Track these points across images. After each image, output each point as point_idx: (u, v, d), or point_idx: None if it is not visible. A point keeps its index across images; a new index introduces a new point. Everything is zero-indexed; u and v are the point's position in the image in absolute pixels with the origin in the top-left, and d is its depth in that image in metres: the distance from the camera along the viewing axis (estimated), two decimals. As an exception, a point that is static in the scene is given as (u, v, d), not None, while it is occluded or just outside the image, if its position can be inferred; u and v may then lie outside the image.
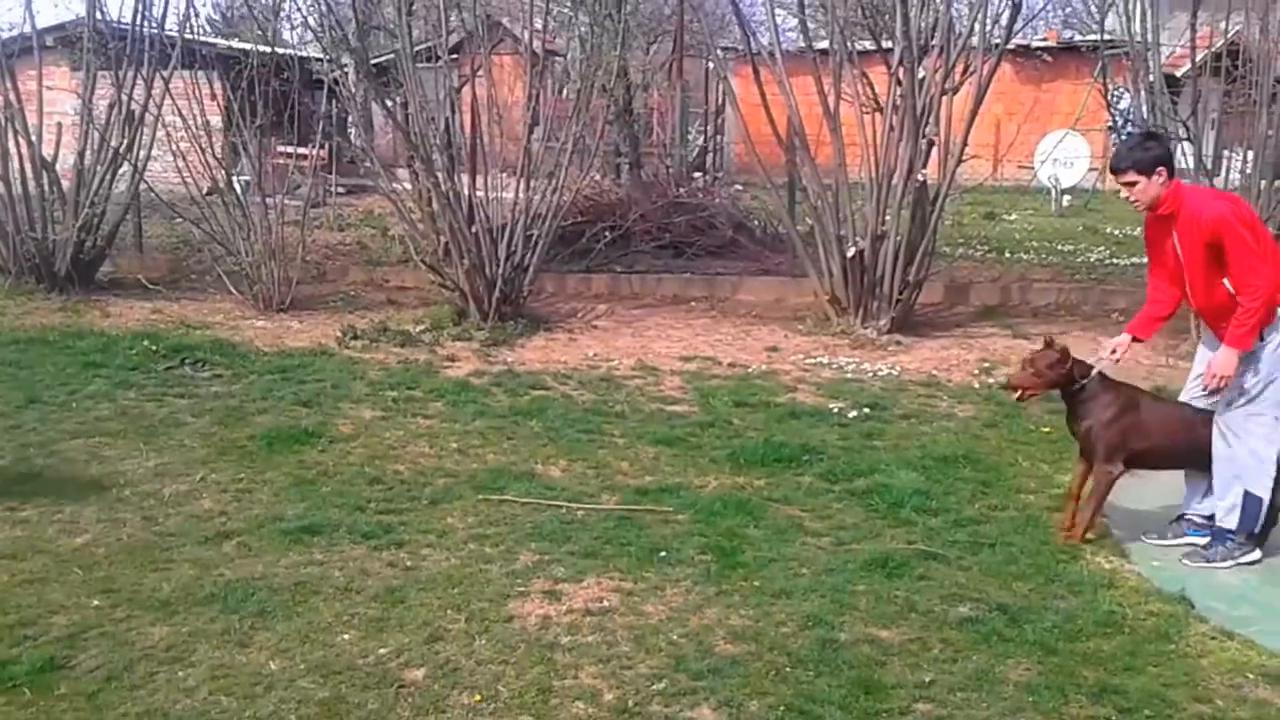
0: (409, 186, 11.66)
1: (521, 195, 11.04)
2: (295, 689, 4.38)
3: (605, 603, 5.13)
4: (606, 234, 12.93)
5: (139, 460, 6.98)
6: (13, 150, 12.16)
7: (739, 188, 16.55)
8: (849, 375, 9.23)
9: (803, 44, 11.41)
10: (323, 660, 4.59)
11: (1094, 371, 5.82)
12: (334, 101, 14.15)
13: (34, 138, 12.23)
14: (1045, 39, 26.78)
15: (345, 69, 12.95)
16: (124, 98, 12.40)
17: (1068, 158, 21.06)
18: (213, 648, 4.68)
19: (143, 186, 13.09)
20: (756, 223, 14.64)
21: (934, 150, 10.58)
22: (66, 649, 4.64)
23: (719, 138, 19.33)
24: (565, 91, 12.46)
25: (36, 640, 4.71)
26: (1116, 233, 17.21)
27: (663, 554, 5.63)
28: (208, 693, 4.35)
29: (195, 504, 6.28)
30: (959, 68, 10.47)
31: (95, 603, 5.05)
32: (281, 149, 15.92)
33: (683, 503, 6.32)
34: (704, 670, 4.54)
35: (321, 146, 14.51)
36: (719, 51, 15.86)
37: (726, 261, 13.42)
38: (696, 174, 17.97)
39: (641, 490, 6.54)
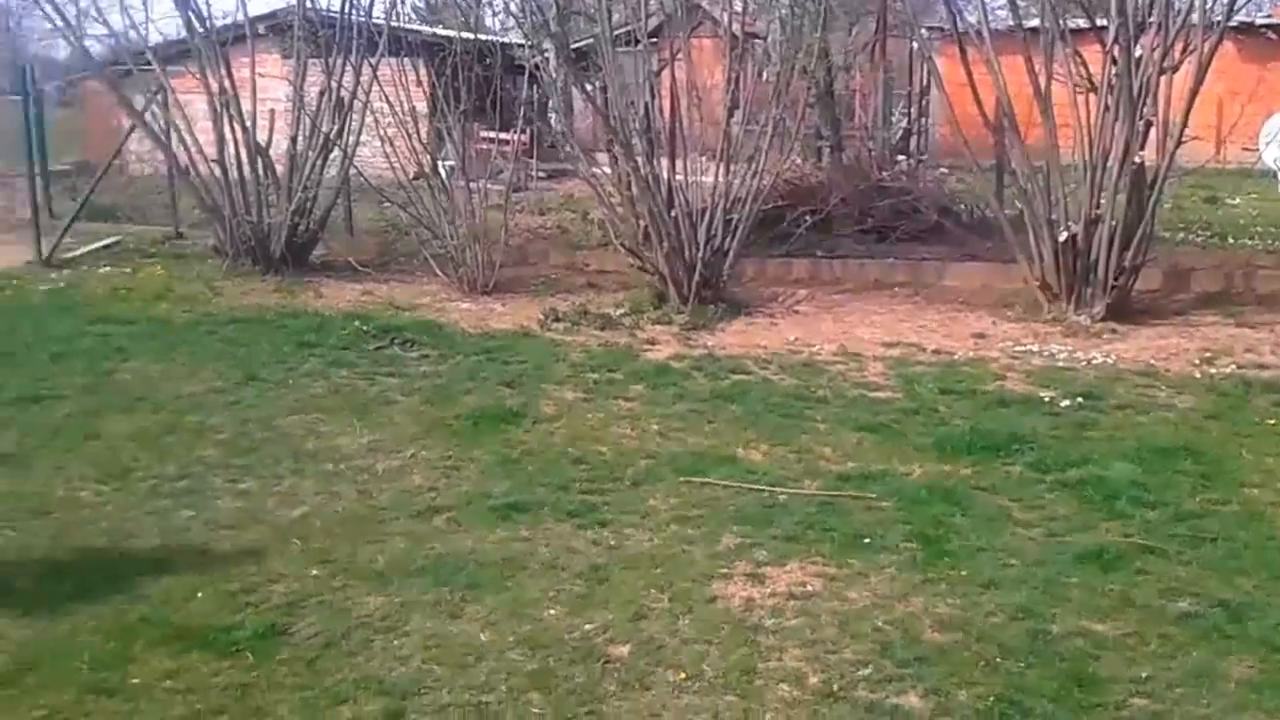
0: (608, 171, 11.74)
1: (721, 179, 10.99)
2: (505, 660, 4.47)
3: (809, 587, 5.07)
4: (807, 218, 12.76)
5: (353, 436, 7.21)
6: (229, 136, 12.69)
7: (944, 171, 16.14)
8: (1061, 363, 8.90)
9: (1012, 22, 11.02)
10: (530, 634, 4.66)
11: None
12: (535, 87, 14.39)
13: (249, 124, 12.74)
14: (1270, 15, 25.33)
15: (546, 54, 13.12)
16: (334, 84, 12.83)
17: (1296, 139, 19.90)
18: (425, 618, 4.81)
19: (352, 171, 13.53)
20: (962, 206, 14.25)
21: (1152, 132, 10.10)
22: (286, 616, 4.83)
23: (923, 120, 18.92)
24: (765, 74, 12.33)
25: (258, 607, 4.91)
26: (1349, 217, 16.18)
27: (867, 540, 5.53)
28: (421, 661, 4.47)
29: (406, 479, 6.46)
30: (1178, 46, 9.96)
31: (313, 572, 5.25)
32: (484, 134, 16.27)
33: (887, 489, 6.19)
34: (910, 658, 4.45)
35: (523, 132, 14.74)
36: (924, 31, 15.50)
37: (931, 246, 13.10)
38: (900, 157, 17.63)
39: (844, 476, 6.44)
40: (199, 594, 5.02)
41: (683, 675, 4.34)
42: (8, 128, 17.04)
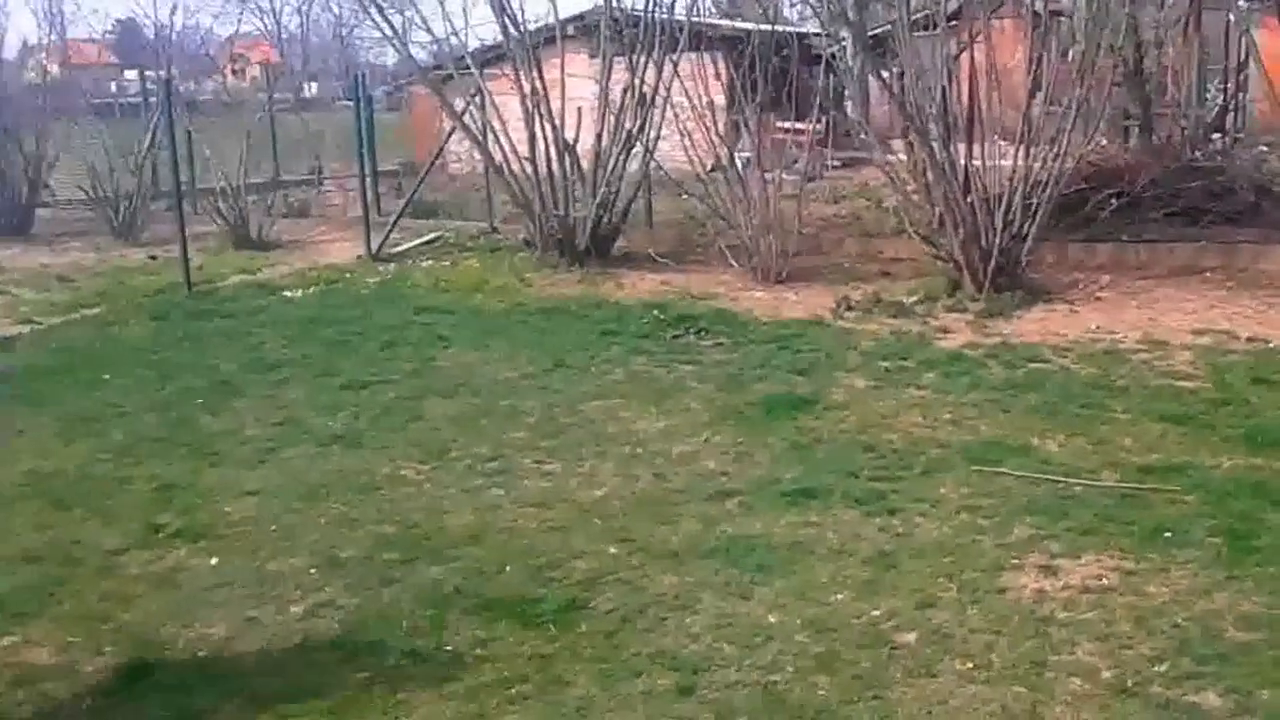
0: (904, 158, 11.65)
1: (1020, 163, 10.73)
2: (792, 642, 4.60)
3: (1104, 581, 4.99)
4: (1112, 201, 12.28)
5: (650, 421, 7.50)
6: (539, 135, 13.26)
7: (1263, 149, 15.15)
8: (1395, 352, 8.29)
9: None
10: (817, 617, 4.78)
11: None
12: (831, 76, 14.38)
13: (557, 122, 13.24)
14: None
15: (843, 43, 13.11)
16: (636, 81, 13.21)
17: None
18: (716, 598, 5.01)
19: (652, 165, 13.91)
20: (1283, 186, 13.37)
21: None
22: (586, 591, 5.12)
23: (1240, 95, 17.78)
24: (1070, 53, 11.92)
25: (561, 582, 5.23)
26: None
27: (1168, 534, 5.38)
28: (712, 639, 4.66)
29: (700, 463, 6.68)
30: None
31: (612, 550, 5.54)
32: (780, 125, 16.38)
33: (1191, 483, 5.98)
34: (1210, 655, 4.34)
35: (818, 121, 14.76)
36: (1241, 2, 14.61)
37: (1246, 229, 12.34)
38: (1214, 135, 16.65)
39: (1145, 468, 6.25)
40: (507, 568, 5.39)
41: (970, 665, 4.37)
42: (342, 131, 18.44)
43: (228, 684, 4.51)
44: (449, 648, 4.70)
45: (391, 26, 14.01)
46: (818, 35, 14.77)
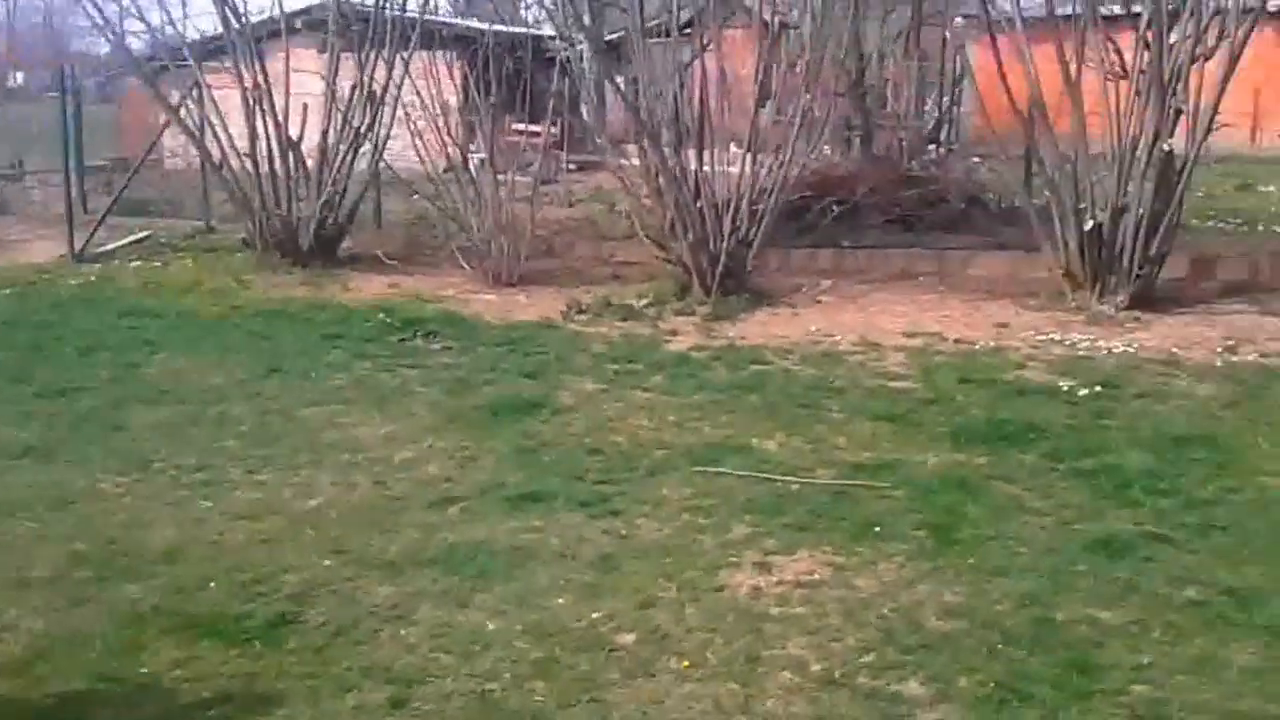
0: (636, 162, 11.76)
1: (748, 170, 10.99)
2: (511, 649, 4.52)
3: (816, 576, 5.10)
4: (834, 208, 12.75)
5: (371, 427, 7.28)
6: (261, 130, 12.80)
7: (975, 160, 16.04)
8: (1081, 352, 8.85)
9: (1045, 10, 10.93)
10: (538, 622, 4.70)
11: None
12: (566, 79, 14.42)
13: (281, 118, 12.84)
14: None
15: (578, 47, 13.15)
16: (365, 78, 12.91)
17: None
18: (434, 607, 4.86)
19: (382, 164, 13.62)
20: (991, 196, 14.18)
21: (1182, 119, 10.00)
22: (297, 605, 4.90)
23: (956, 109, 18.81)
24: (797, 64, 12.30)
25: (269, 597, 4.99)
26: (1385, 205, 15.95)
27: (877, 529, 5.54)
28: (428, 650, 4.53)
29: (422, 470, 6.52)
30: (1211, 33, 9.86)
31: (326, 562, 5.32)
32: (514, 127, 16.32)
33: (900, 479, 6.20)
34: (914, 645, 4.48)
35: (553, 124, 14.78)
36: (957, 19, 15.43)
37: (958, 236, 13.04)
38: (931, 146, 17.54)
39: (858, 466, 6.45)
40: (211, 584, 5.10)
41: (686, 663, 4.38)
42: (49, 124, 17.32)
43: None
44: (145, 669, 4.41)
45: (103, 15, 13.23)
46: (553, 38, 14.79)
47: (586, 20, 12.19)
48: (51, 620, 4.81)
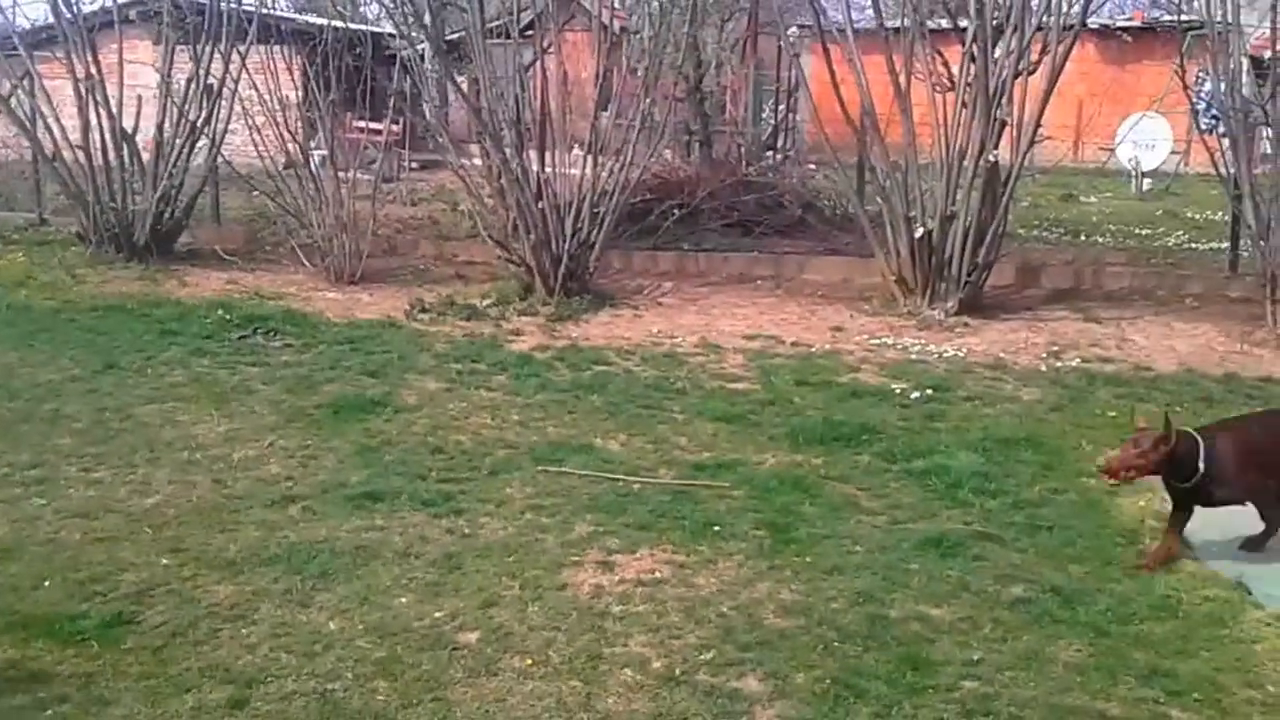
0: (479, 163, 11.76)
1: (589, 172, 11.09)
2: (353, 648, 4.51)
3: (657, 574, 5.20)
4: (675, 211, 12.95)
5: (210, 425, 7.16)
6: (94, 122, 12.43)
7: (811, 167, 16.45)
8: (914, 356, 9.19)
9: (875, 22, 11.30)
10: (380, 622, 4.70)
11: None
12: (408, 77, 14.31)
13: (115, 110, 12.48)
14: (1131, 19, 26.22)
15: (420, 46, 13.05)
16: (201, 72, 12.64)
17: (1149, 140, 20.59)
18: (275, 607, 4.83)
19: (220, 160, 13.33)
20: (826, 203, 14.56)
21: (1007, 131, 10.44)
22: (134, 605, 4.81)
23: (792, 116, 19.23)
24: (637, 68, 12.45)
25: (106, 596, 4.89)
26: (1197, 217, 16.83)
27: (717, 528, 5.67)
28: (269, 650, 4.50)
29: (263, 469, 6.44)
30: (1035, 47, 10.32)
31: (164, 561, 5.23)
32: (356, 124, 16.13)
33: (739, 479, 6.35)
34: (752, 642, 4.60)
35: (395, 122, 14.65)
36: (792, 29, 15.78)
37: (794, 241, 13.38)
38: (768, 153, 17.90)
39: (699, 465, 6.59)
40: (46, 583, 4.98)
41: (529, 661, 4.43)
42: None
43: None
44: (-25, 671, 4.28)
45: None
46: (393, 36, 14.64)
47: (426, 19, 12.09)
48: None
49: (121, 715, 4.05)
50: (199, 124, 12.68)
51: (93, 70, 12.37)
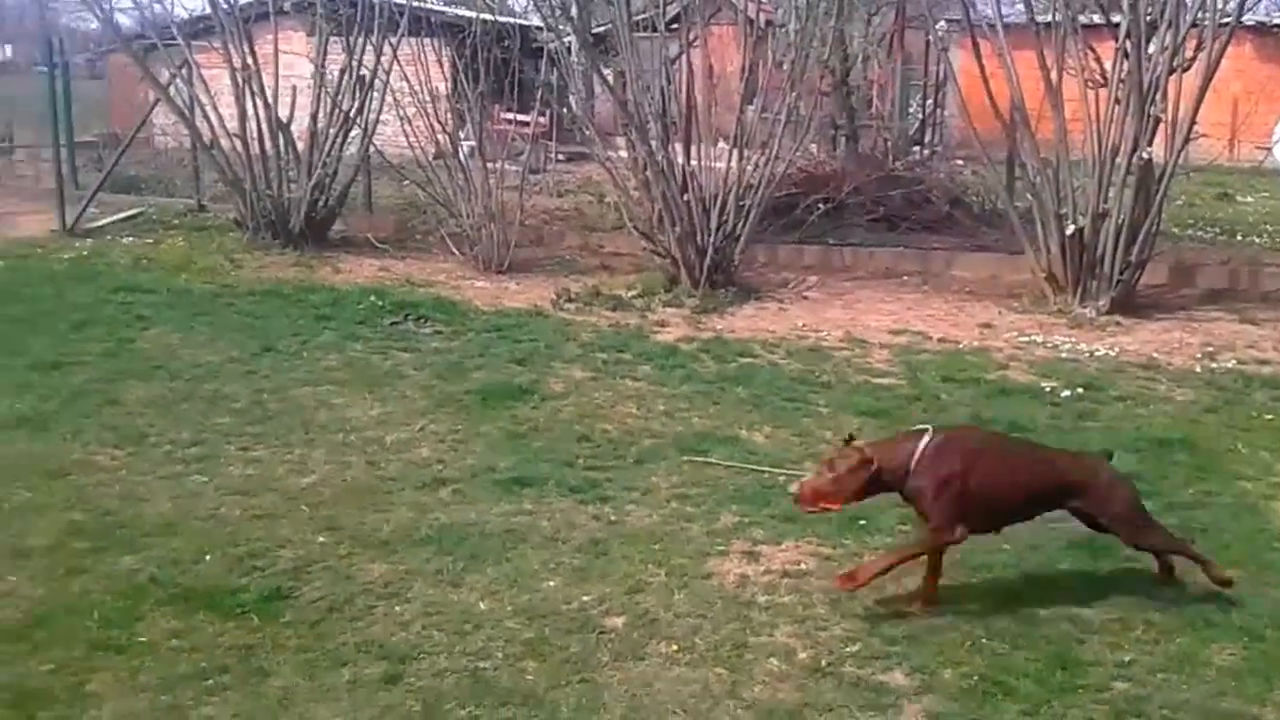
0: (625, 155, 11.84)
1: (734, 165, 11.09)
2: (502, 629, 4.60)
3: (803, 566, 5.20)
4: (820, 206, 12.87)
5: (363, 408, 7.36)
6: (251, 112, 12.83)
7: (958, 162, 16.17)
8: (1064, 355, 8.99)
9: (1026, 17, 11.07)
10: (529, 604, 4.79)
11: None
12: (555, 70, 14.48)
13: (270, 99, 12.86)
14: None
15: (566, 39, 13.20)
16: (354, 63, 12.95)
17: (1306, 140, 19.78)
18: (427, 586, 4.95)
19: (372, 149, 13.67)
20: (974, 198, 14.32)
21: (1160, 128, 10.15)
22: (292, 580, 4.98)
23: (939, 111, 18.93)
24: (783, 62, 12.39)
25: (264, 571, 5.07)
26: (1359, 218, 16.14)
27: (862, 523, 5.64)
28: (421, 627, 4.61)
29: (414, 452, 6.60)
30: (1190, 44, 10.02)
31: (320, 539, 5.40)
32: (504, 115, 16.37)
33: (884, 473, 6.29)
34: (898, 636, 4.57)
35: (542, 114, 14.84)
36: (940, 23, 15.54)
37: (941, 237, 13.18)
38: (914, 148, 17.67)
39: (844, 459, 6.54)
40: (207, 557, 5.18)
41: (675, 648, 4.47)
42: (38, 99, 17.35)
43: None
44: (143, 639, 4.48)
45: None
46: (540, 29, 14.82)
47: (573, 12, 12.22)
48: (50, 588, 4.88)
49: (280, 687, 4.19)
50: (352, 114, 13.00)
51: (249, 60, 12.73)
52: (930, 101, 19.04)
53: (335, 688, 4.19)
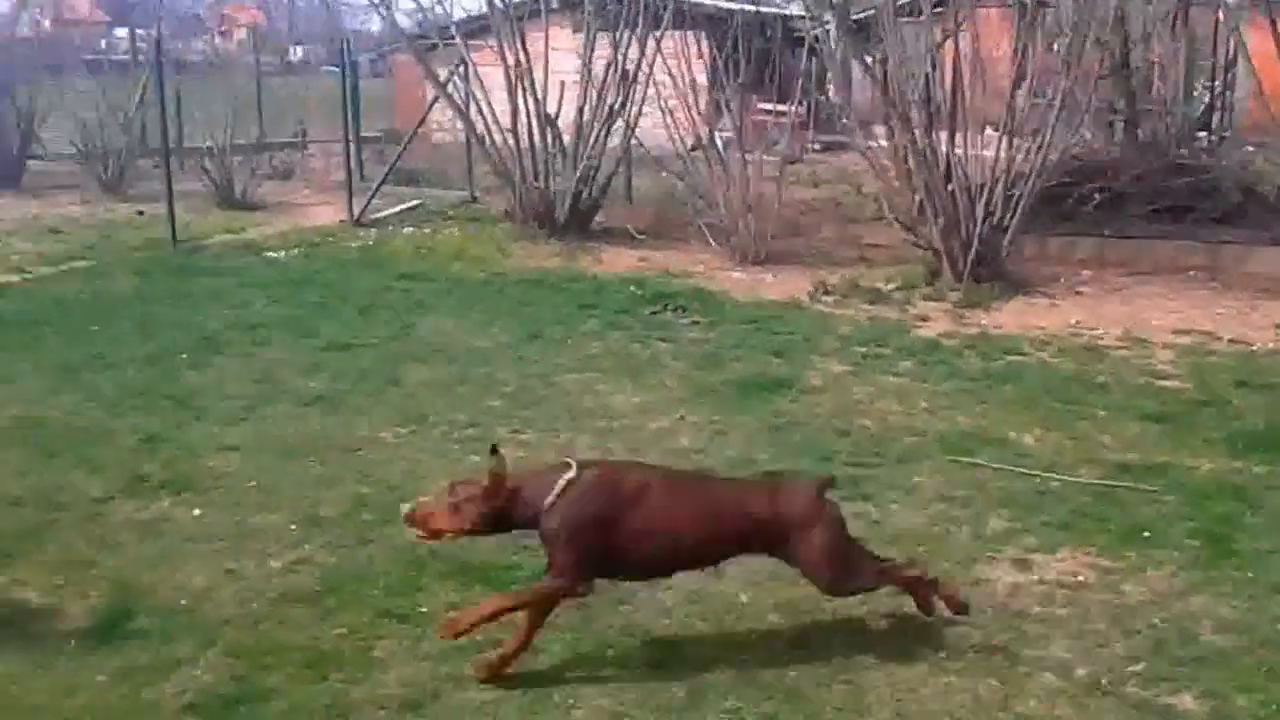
0: (885, 144, 11.59)
1: (1003, 154, 10.69)
2: (764, 622, 4.58)
3: (1080, 578, 4.95)
4: (1095, 196, 12.27)
5: (625, 396, 7.46)
6: (521, 107, 13.18)
7: (1250, 149, 15.16)
8: (1373, 360, 8.29)
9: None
10: (791, 599, 4.70)
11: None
12: (814, 59, 14.33)
13: (540, 95, 13.18)
14: None
15: (826, 26, 13.03)
16: (619, 57, 13.13)
17: None
18: (689, 577, 4.89)
19: (633, 141, 13.84)
20: (1270, 187, 13.35)
21: None
22: (560, 566, 5.06)
23: (1228, 94, 17.78)
24: (1055, 45, 11.87)
25: (535, 550, 5.02)
26: None
27: (1146, 535, 5.33)
28: (684, 615, 4.63)
29: (674, 440, 6.64)
30: None
31: (588, 523, 5.47)
32: (761, 106, 16.31)
33: (1170, 483, 5.93)
34: (1186, 658, 4.30)
35: (800, 104, 14.71)
36: (1229, 1, 14.59)
37: (1233, 229, 12.33)
38: (1201, 133, 16.65)
39: (1124, 466, 6.20)
40: (480, 535, 5.34)
41: (943, 654, 4.32)
42: (326, 96, 18.49)
43: (207, 633, 4.50)
44: (423, 609, 4.66)
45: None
46: (801, 18, 14.68)
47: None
48: (340, 556, 5.16)
49: (550, 664, 4.29)
50: (615, 108, 13.19)
51: (522, 58, 13.08)
52: (1218, 83, 17.88)
53: (601, 668, 4.26)
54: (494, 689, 4.11)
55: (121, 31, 34.78)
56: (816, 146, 20.24)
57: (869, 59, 11.98)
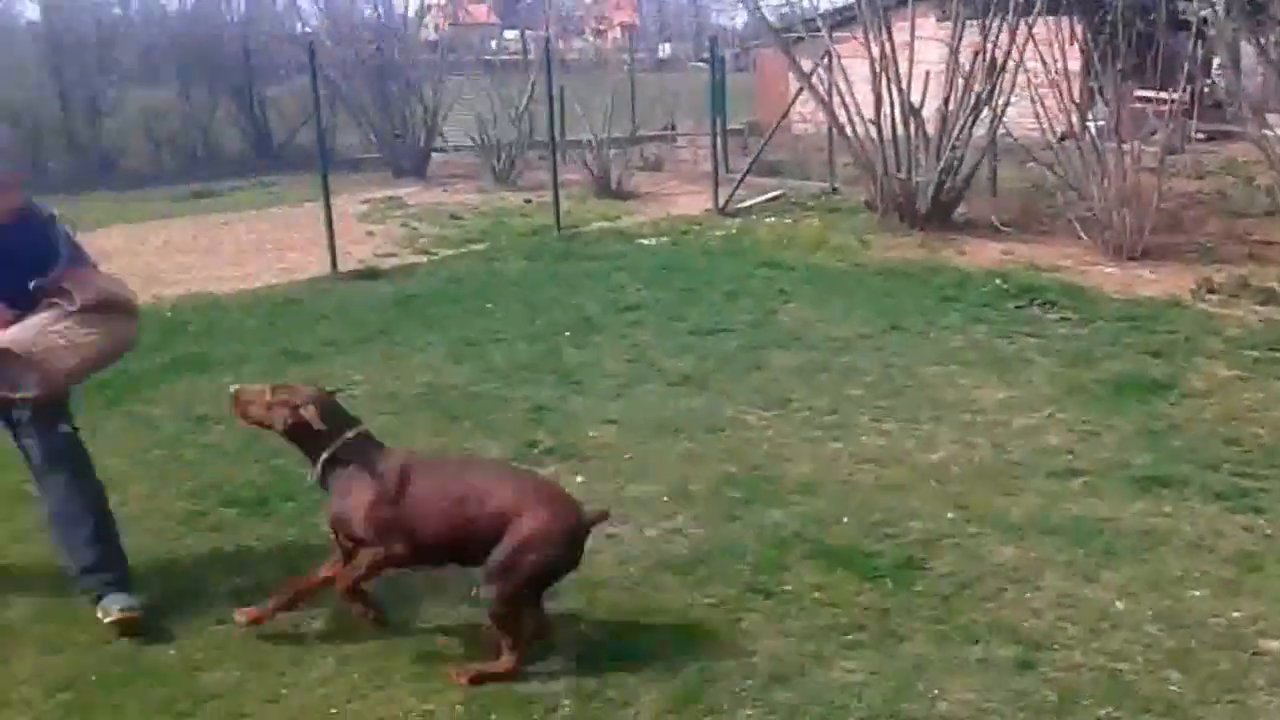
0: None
1: None
2: (1141, 632, 4.40)
3: None
4: None
5: (989, 391, 7.32)
6: (885, 97, 13.11)
7: None
8: None
9: None
10: (1170, 611, 4.53)
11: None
12: (1200, 42, 13.51)
13: (904, 85, 13.05)
14: None
15: (1215, 6, 12.26)
16: (989, 45, 12.81)
17: None
18: (1058, 577, 4.84)
19: (1000, 131, 13.49)
20: None
21: None
22: (923, 552, 5.07)
23: None
24: None
25: (896, 539, 5.21)
26: None
27: None
28: (1054, 617, 4.52)
29: (1042, 439, 6.46)
30: None
31: (949, 515, 5.46)
32: (1139, 93, 15.50)
33: None
34: None
35: (1183, 90, 13.89)
36: None
37: None
38: None
39: None
40: (844, 519, 5.42)
41: (1341, 687, 4.03)
42: (693, 91, 19.09)
43: (587, 593, 4.74)
44: (788, 588, 4.78)
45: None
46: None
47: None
48: (709, 530, 5.36)
49: (913, 653, 4.28)
50: (982, 97, 12.89)
51: (887, 48, 13.00)
52: None
53: (966, 664, 4.21)
54: (860, 671, 4.17)
55: (511, 33, 37.29)
56: (1199, 136, 19.05)
57: (1263, 40, 11.19)
